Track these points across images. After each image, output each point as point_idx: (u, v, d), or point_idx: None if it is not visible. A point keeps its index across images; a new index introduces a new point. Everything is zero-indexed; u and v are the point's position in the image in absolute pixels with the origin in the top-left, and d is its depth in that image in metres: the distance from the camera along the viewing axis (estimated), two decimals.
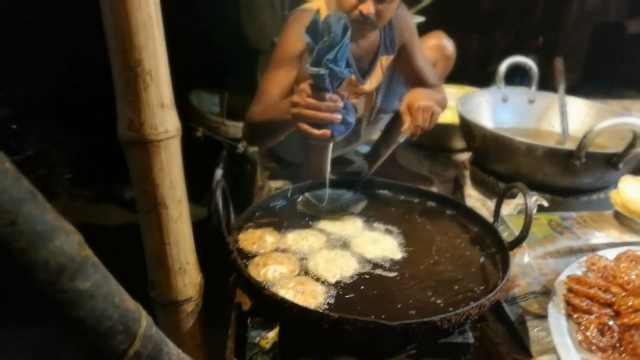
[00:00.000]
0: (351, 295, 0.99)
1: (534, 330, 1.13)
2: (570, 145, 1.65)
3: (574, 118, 2.04)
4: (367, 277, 1.04)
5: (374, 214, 1.30)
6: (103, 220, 2.69)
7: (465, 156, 2.23)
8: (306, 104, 1.11)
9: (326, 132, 1.13)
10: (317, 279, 1.02)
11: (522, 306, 1.20)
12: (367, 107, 1.75)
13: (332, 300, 0.97)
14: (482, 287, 1.02)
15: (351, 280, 1.03)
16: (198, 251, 1.01)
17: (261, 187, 1.95)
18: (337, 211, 1.29)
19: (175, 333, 0.97)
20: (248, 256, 1.10)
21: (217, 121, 2.94)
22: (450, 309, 0.92)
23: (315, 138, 1.15)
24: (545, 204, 1.64)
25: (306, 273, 1.05)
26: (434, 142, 2.26)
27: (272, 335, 1.00)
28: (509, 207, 1.70)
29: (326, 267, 1.05)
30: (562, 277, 1.21)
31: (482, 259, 1.12)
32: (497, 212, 1.21)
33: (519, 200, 1.71)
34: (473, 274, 1.07)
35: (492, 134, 1.70)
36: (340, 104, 1.12)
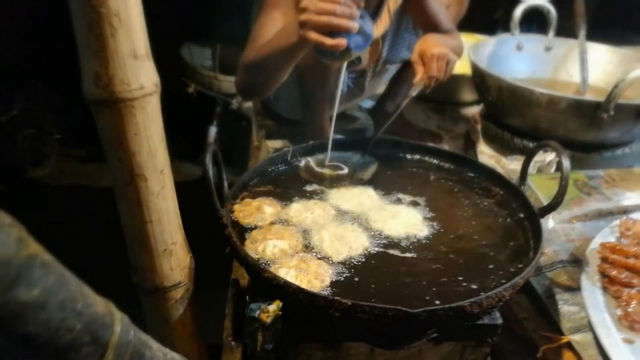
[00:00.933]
0: (362, 276, 0.86)
1: (565, 305, 1.02)
2: (596, 97, 1.51)
3: (594, 67, 1.88)
4: (380, 255, 0.91)
5: (389, 180, 1.16)
6: (95, 182, 2.57)
7: (475, 110, 2.08)
8: (318, 8, 0.95)
9: (341, 41, 0.96)
10: (322, 257, 0.90)
11: (549, 277, 1.08)
12: (372, 57, 1.58)
13: (340, 282, 0.85)
14: (512, 263, 0.90)
15: (361, 260, 0.90)
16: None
17: (257, 148, 1.80)
18: (344, 178, 1.15)
19: (163, 323, 0.85)
20: (245, 229, 0.97)
21: (209, 76, 2.82)
22: (481, 292, 0.80)
23: (328, 52, 0.99)
24: (554, 159, 1.51)
25: (309, 249, 0.92)
26: (443, 94, 2.10)
27: (273, 308, 0.88)
28: None
29: (332, 244, 0.92)
30: (594, 244, 1.09)
31: (509, 229, 1.00)
32: (523, 174, 1.08)
33: (536, 157, 1.58)
34: (501, 248, 0.94)
35: (510, 85, 1.54)
36: (356, 11, 0.96)
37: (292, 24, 1.06)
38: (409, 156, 1.26)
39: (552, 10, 1.94)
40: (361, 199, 1.07)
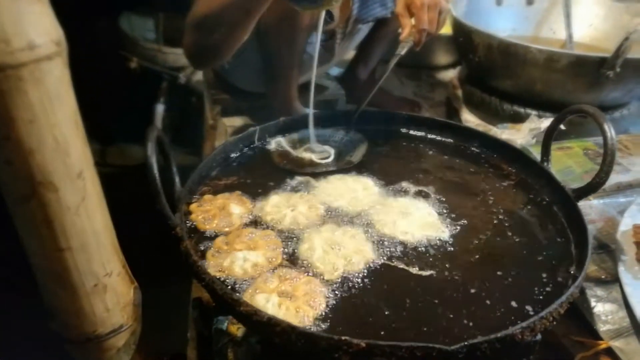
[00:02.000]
0: (368, 300, 0.64)
1: (598, 303, 0.86)
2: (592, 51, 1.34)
3: (580, 21, 1.72)
4: (392, 270, 0.69)
5: (385, 165, 0.93)
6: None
7: (452, 73, 1.89)
8: None
9: None
10: (312, 272, 0.67)
11: None
12: (342, 16, 1.35)
13: (339, 308, 0.62)
14: (554, 266, 0.71)
15: (366, 278, 0.67)
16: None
17: (213, 127, 1.54)
18: (329, 163, 0.93)
19: None
20: (206, 238, 0.74)
21: (153, 49, 2.54)
22: (531, 312, 0.61)
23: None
24: (562, 126, 1.34)
25: (292, 261, 0.70)
26: (416, 57, 1.88)
27: None
28: (520, 134, 1.39)
29: (325, 256, 0.69)
30: (624, 226, 0.92)
31: (538, 220, 0.81)
32: (546, 148, 0.88)
33: (530, 124, 1.41)
34: (535, 247, 0.75)
35: (502, 43, 1.35)
36: None
37: None
38: (401, 131, 1.05)
39: None
40: (357, 191, 0.84)
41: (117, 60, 2.47)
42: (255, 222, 0.77)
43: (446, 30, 1.67)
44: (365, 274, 0.67)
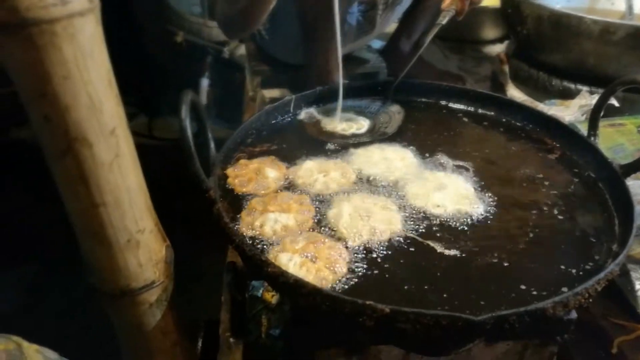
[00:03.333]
0: (390, 270, 0.63)
1: None
2: None
3: None
4: (419, 244, 0.67)
5: (425, 138, 0.91)
6: None
7: (499, 48, 1.82)
8: None
9: None
10: (337, 238, 0.67)
11: None
12: None
13: (361, 275, 0.62)
14: (595, 242, 0.68)
15: (388, 247, 0.66)
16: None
17: (252, 98, 1.55)
18: (363, 134, 0.92)
19: (137, 333, 0.64)
20: (241, 199, 0.75)
21: (198, 23, 2.56)
22: (563, 289, 0.59)
23: None
24: (616, 103, 1.27)
25: (321, 225, 0.70)
26: (461, 31, 1.84)
27: None
28: (568, 110, 1.33)
29: (352, 222, 0.68)
30: None
31: (580, 196, 0.77)
32: (594, 122, 0.84)
33: (581, 100, 1.34)
34: (574, 224, 0.72)
35: (553, 14, 1.29)
36: None
37: None
38: (441, 103, 1.02)
39: None
40: (393, 161, 0.82)
41: (164, 35, 2.51)
42: (290, 187, 0.78)
43: (494, 2, 1.61)
44: (389, 245, 0.66)
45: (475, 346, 0.71)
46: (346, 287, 0.60)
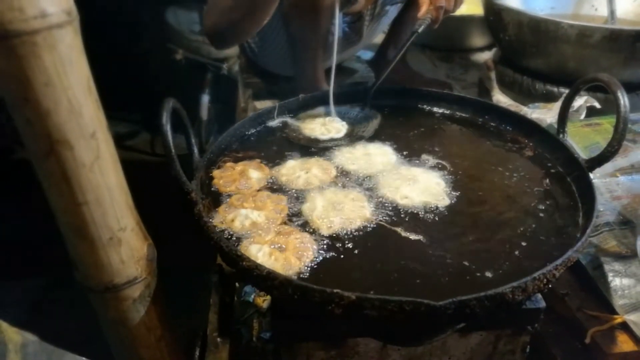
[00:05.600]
0: (356, 256, 0.67)
1: (616, 278, 0.84)
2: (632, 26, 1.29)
3: None
4: (385, 230, 0.72)
5: (404, 137, 0.95)
6: None
7: (487, 55, 1.86)
8: None
9: None
10: (309, 229, 0.71)
11: (595, 244, 0.90)
12: None
13: (326, 262, 0.66)
14: (558, 232, 0.71)
15: (357, 235, 0.70)
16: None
17: (244, 110, 1.59)
18: (341, 138, 0.96)
19: (121, 329, 0.67)
20: (224, 198, 0.79)
21: (197, 40, 2.61)
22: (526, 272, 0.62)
23: None
24: (597, 105, 1.30)
25: (294, 219, 0.73)
26: (449, 40, 1.88)
27: None
28: (551, 113, 1.36)
29: (324, 213, 0.73)
30: None
31: (549, 190, 0.80)
32: (562, 120, 0.87)
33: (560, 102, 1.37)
34: (541, 215, 0.75)
35: (532, 19, 1.33)
36: None
37: None
38: (421, 106, 1.05)
39: None
40: (374, 158, 0.87)
41: (164, 53, 2.57)
42: (272, 186, 0.82)
43: (480, 10, 1.65)
44: (358, 233, 0.70)
45: (450, 337, 0.74)
46: (315, 273, 0.64)
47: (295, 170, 0.84)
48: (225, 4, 1.01)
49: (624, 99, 0.72)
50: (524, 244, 0.69)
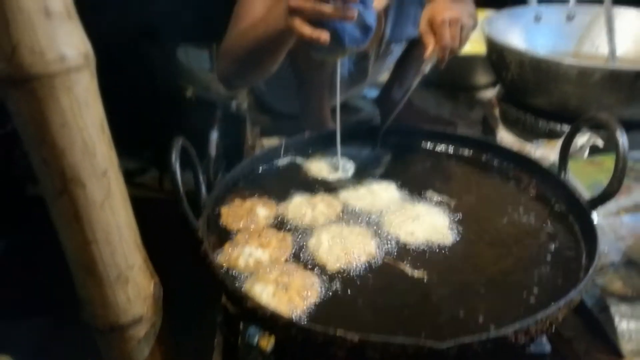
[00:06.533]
0: (359, 295, 0.68)
1: (623, 320, 0.83)
2: (636, 65, 1.31)
3: (623, 35, 1.68)
4: (388, 268, 0.73)
5: (410, 175, 0.97)
6: None
7: (491, 93, 1.88)
8: None
9: (322, 34, 0.79)
10: (313, 266, 0.73)
11: (600, 285, 0.89)
12: (375, 36, 1.39)
13: (330, 301, 0.67)
14: (561, 273, 0.71)
15: (362, 272, 0.72)
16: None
17: (252, 147, 1.62)
18: (349, 179, 0.97)
19: None
20: (230, 235, 0.80)
21: (207, 78, 2.67)
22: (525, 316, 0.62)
23: (318, 46, 0.82)
24: (601, 144, 1.32)
25: (299, 257, 0.75)
26: (454, 78, 1.91)
27: None
28: (554, 150, 1.37)
29: (330, 249, 0.75)
30: None
31: (551, 229, 0.81)
32: (563, 159, 0.88)
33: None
34: (543, 255, 0.75)
35: (533, 59, 1.35)
36: None
37: (280, 7, 0.88)
38: (428, 146, 1.08)
39: None
40: (379, 195, 0.89)
41: (174, 90, 2.63)
42: (279, 224, 0.83)
43: (484, 49, 1.69)
44: (362, 270, 0.72)
45: None
46: (319, 312, 0.65)
47: (301, 207, 0.86)
48: (236, 53, 1.05)
49: (622, 138, 0.74)
50: (527, 284, 0.69)
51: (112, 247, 0.60)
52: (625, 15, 1.68)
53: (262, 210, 0.85)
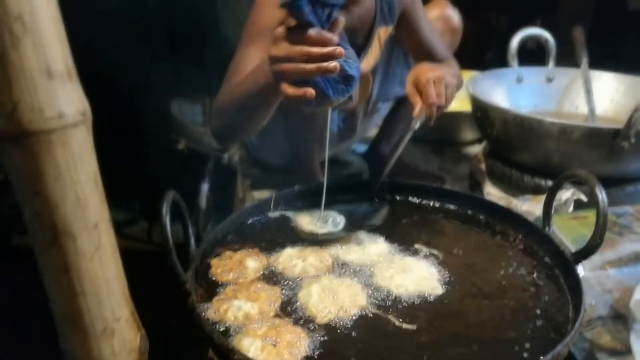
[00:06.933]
0: (349, 348, 0.68)
1: None
2: (614, 124, 1.37)
3: (601, 96, 1.77)
4: (378, 319, 0.73)
5: (401, 229, 1.00)
6: None
7: (477, 148, 1.94)
8: (286, 53, 0.80)
9: (307, 91, 0.80)
10: (303, 319, 0.73)
11: (589, 339, 0.89)
12: (363, 94, 1.45)
13: (319, 356, 0.66)
14: (548, 327, 0.72)
15: (351, 324, 0.72)
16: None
17: (242, 200, 1.63)
18: (340, 231, 0.99)
19: None
20: (219, 287, 0.80)
21: (200, 131, 2.70)
22: None
23: (306, 103, 0.84)
24: (584, 198, 1.35)
25: (288, 311, 0.75)
26: (441, 134, 1.97)
27: None
28: (539, 205, 1.40)
29: (320, 301, 0.75)
30: (638, 295, 0.91)
31: (538, 283, 0.82)
32: (547, 214, 0.91)
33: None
34: (531, 308, 0.76)
35: (516, 117, 1.41)
36: (337, 48, 0.79)
37: (266, 64, 0.90)
38: (417, 200, 1.10)
39: (551, 39, 1.84)
40: (368, 249, 0.91)
41: (166, 142, 2.66)
42: (268, 276, 0.84)
43: (468, 107, 1.75)
44: (352, 322, 0.72)
45: None
46: None
47: (292, 259, 0.86)
48: (226, 109, 1.08)
49: (602, 194, 0.76)
50: (516, 337, 0.69)
51: (100, 299, 0.60)
52: (601, 78, 1.76)
53: (252, 263, 0.86)
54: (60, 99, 0.52)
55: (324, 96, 0.83)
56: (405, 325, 0.71)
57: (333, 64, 0.79)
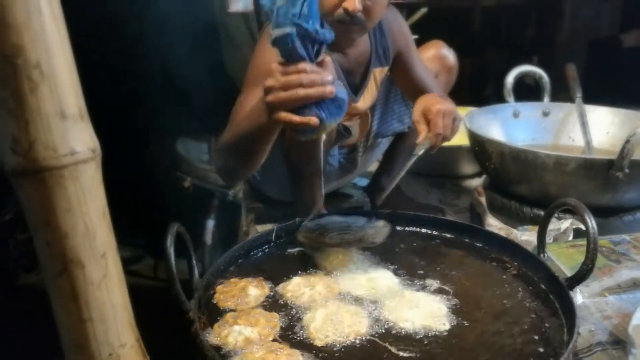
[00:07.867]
0: None
1: None
2: (610, 156, 1.40)
3: (596, 129, 1.80)
4: (380, 347, 0.75)
5: (408, 261, 1.01)
6: None
7: (477, 181, 1.97)
8: (282, 84, 0.84)
9: (311, 119, 0.84)
10: (299, 343, 0.75)
11: None
12: (362, 131, 1.50)
13: None
14: (552, 352, 0.73)
15: (350, 349, 0.74)
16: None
17: (246, 233, 1.66)
18: (352, 242, 1.03)
19: None
20: (222, 313, 0.84)
21: (205, 169, 2.76)
22: None
23: (302, 130, 0.88)
24: (583, 227, 1.36)
25: (289, 333, 0.78)
26: (441, 168, 2.01)
27: None
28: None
29: (323, 325, 0.78)
30: (637, 320, 0.92)
31: (536, 309, 0.83)
32: (541, 242, 0.93)
33: (550, 225, 1.44)
34: (530, 335, 0.77)
35: (512, 150, 1.44)
36: (328, 76, 0.84)
37: (261, 103, 0.95)
38: (420, 232, 1.13)
39: (545, 76, 1.90)
40: (377, 281, 0.92)
41: (172, 180, 2.71)
42: (270, 304, 0.86)
43: (467, 141, 1.79)
44: (351, 346, 0.74)
45: None
46: None
47: (300, 287, 0.90)
48: (227, 148, 1.13)
49: (591, 221, 0.79)
50: None
51: (106, 326, 0.63)
52: (596, 111, 1.81)
53: (254, 290, 0.89)
54: (72, 137, 0.57)
55: (319, 121, 0.86)
56: (403, 354, 0.73)
57: (329, 87, 0.84)
